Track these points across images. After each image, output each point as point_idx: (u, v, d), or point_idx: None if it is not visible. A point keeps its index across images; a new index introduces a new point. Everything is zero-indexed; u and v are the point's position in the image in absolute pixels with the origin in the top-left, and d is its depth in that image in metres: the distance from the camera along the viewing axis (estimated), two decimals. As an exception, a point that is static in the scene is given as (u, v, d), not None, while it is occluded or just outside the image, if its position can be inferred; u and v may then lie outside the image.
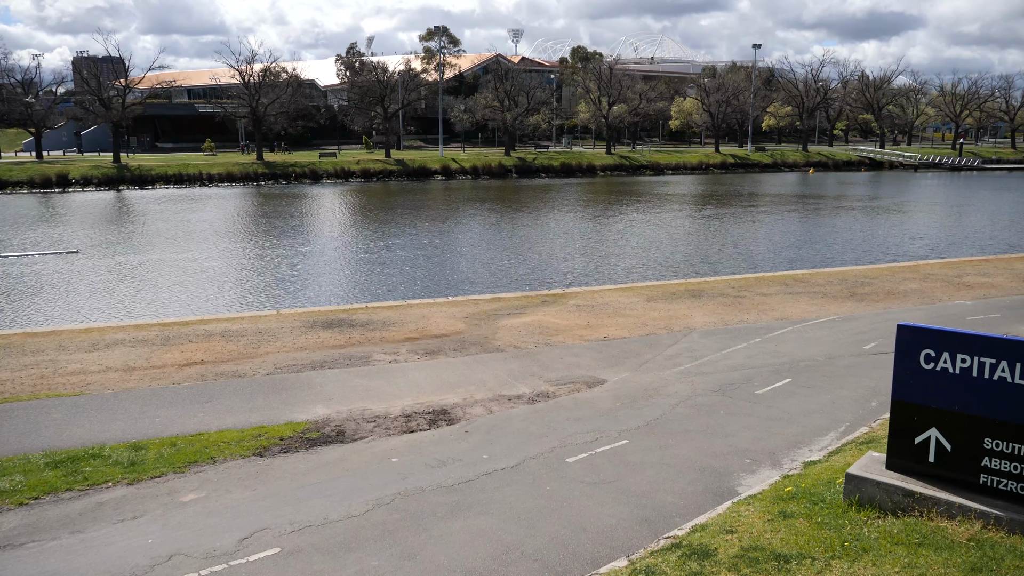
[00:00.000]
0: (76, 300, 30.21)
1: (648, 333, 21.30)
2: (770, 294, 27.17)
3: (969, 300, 26.47)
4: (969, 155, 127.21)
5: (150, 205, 67.85)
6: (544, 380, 16.76)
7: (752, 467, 11.53)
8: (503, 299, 26.39)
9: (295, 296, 30.47)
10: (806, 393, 15.52)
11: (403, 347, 19.81)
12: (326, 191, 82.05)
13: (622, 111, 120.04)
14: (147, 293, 31.36)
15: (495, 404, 15.04)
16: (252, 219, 57.33)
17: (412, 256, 39.92)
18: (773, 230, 51.51)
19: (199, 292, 31.38)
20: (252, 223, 54.56)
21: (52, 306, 29.12)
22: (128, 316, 27.18)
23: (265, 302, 29.45)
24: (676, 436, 12.90)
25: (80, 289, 32.21)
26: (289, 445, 12.73)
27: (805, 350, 19.36)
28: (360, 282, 33.55)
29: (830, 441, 12.52)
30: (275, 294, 31.09)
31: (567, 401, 15.14)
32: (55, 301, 29.97)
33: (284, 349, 19.72)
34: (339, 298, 29.76)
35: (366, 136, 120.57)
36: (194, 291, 31.55)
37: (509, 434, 13.12)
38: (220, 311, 27.13)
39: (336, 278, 34.38)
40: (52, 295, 31.01)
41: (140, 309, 28.43)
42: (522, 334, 21.22)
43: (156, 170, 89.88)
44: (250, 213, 61.69)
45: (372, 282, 33.42)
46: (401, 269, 36.23)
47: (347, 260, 39.20)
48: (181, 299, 29.99)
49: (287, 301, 29.51)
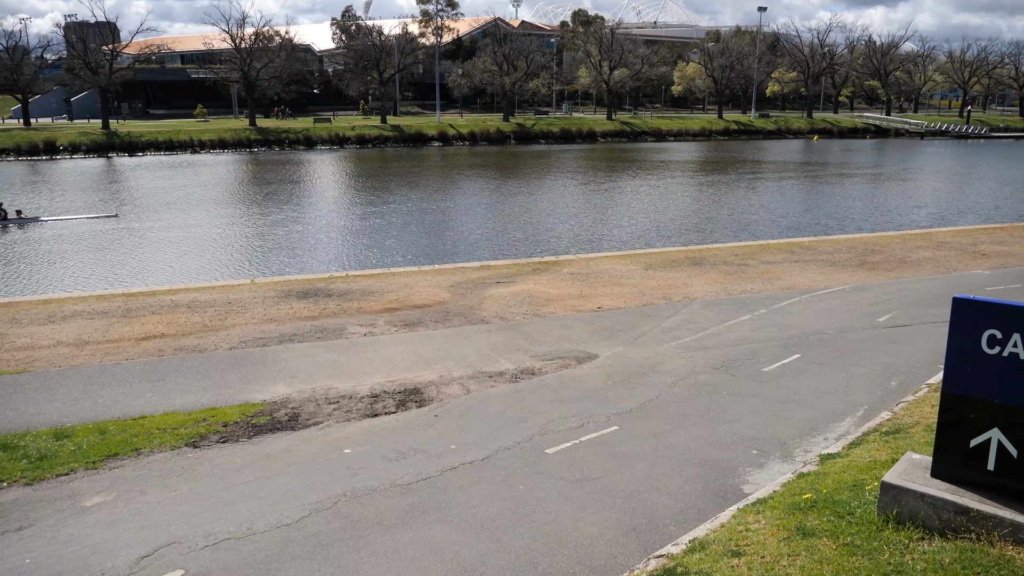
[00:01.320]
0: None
1: (645, 303, 19.80)
2: (775, 262, 25.63)
3: (986, 270, 24.93)
4: (976, 123, 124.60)
5: (139, 172, 66.03)
6: (530, 355, 15.29)
7: (759, 460, 10.09)
8: (492, 267, 24.86)
9: (276, 264, 28.95)
10: (817, 371, 14.04)
11: (381, 318, 18.33)
12: (320, 157, 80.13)
13: (623, 76, 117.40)
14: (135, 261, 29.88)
15: (474, 382, 13.58)
16: (241, 186, 55.61)
17: (402, 223, 38.34)
18: (777, 197, 49.80)
19: (176, 259, 29.85)
20: (240, 190, 52.85)
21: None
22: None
23: (244, 270, 27.94)
24: (673, 421, 11.44)
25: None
26: (231, 432, 11.29)
27: (814, 322, 17.87)
28: (346, 250, 31.99)
29: (848, 428, 11.05)
30: (256, 262, 29.56)
31: (553, 379, 13.66)
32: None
33: (252, 321, 18.24)
34: (322, 266, 28.22)
35: (362, 102, 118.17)
36: (175, 258, 30.02)
37: (484, 418, 11.69)
38: (194, 280, 25.64)
39: (321, 245, 32.80)
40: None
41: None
42: (510, 304, 19.72)
43: (146, 136, 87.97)
44: (240, 180, 59.92)
45: (358, 250, 31.88)
46: (390, 236, 34.68)
47: (335, 227, 37.60)
48: (162, 266, 28.49)
49: (268, 269, 28.03)
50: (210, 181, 58.01)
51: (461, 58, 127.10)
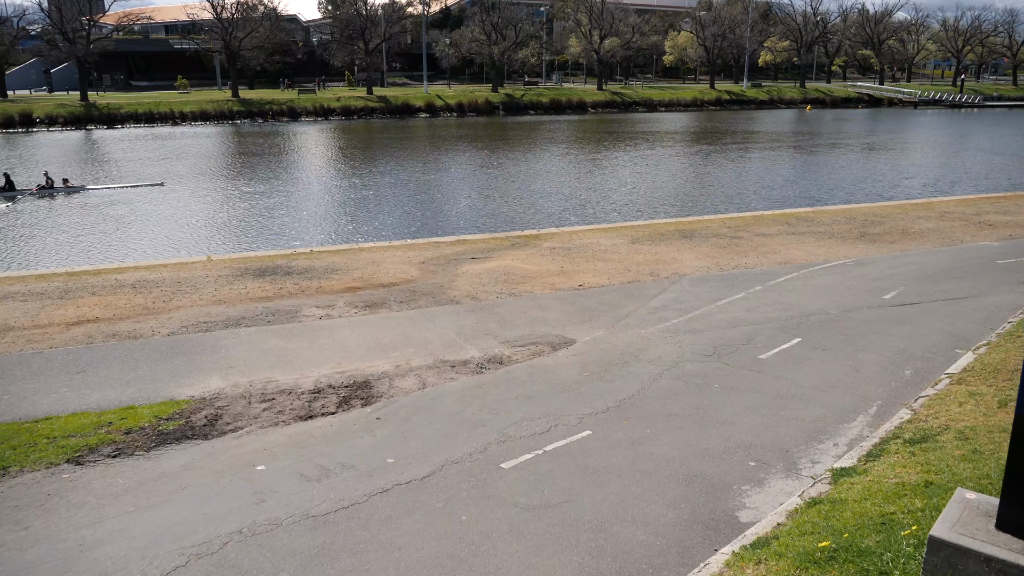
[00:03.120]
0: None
1: (630, 280, 18.27)
2: (770, 234, 24.11)
3: (995, 241, 23.48)
4: (970, 92, 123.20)
5: (114, 146, 63.90)
6: (500, 340, 13.76)
7: (758, 474, 8.56)
8: (468, 242, 23.27)
9: (240, 239, 27.23)
10: (821, 358, 12.54)
11: (341, 299, 16.76)
12: (303, 129, 78.02)
13: (614, 45, 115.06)
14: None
15: (432, 374, 12.04)
16: (217, 158, 53.61)
17: (381, 196, 36.59)
18: (770, 168, 48.15)
19: (141, 234, 28.12)
20: (216, 163, 50.86)
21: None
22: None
23: (205, 245, 26.20)
24: (656, 423, 9.89)
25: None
26: (130, 443, 9.64)
27: (815, 301, 16.38)
28: (317, 224, 30.23)
29: (861, 430, 9.54)
30: (218, 236, 27.81)
31: (522, 370, 12.12)
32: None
33: (200, 303, 16.65)
34: (290, 241, 26.54)
35: (348, 72, 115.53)
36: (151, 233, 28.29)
37: (435, 421, 10.12)
38: (148, 257, 23.97)
39: (291, 220, 31.01)
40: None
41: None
42: (484, 282, 18.17)
43: (126, 108, 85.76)
44: (217, 152, 57.86)
45: (330, 224, 30.15)
46: (366, 210, 32.98)
47: (309, 201, 35.79)
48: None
49: (229, 244, 26.31)
50: (187, 153, 55.98)
51: (449, 27, 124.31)
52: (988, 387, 10.01)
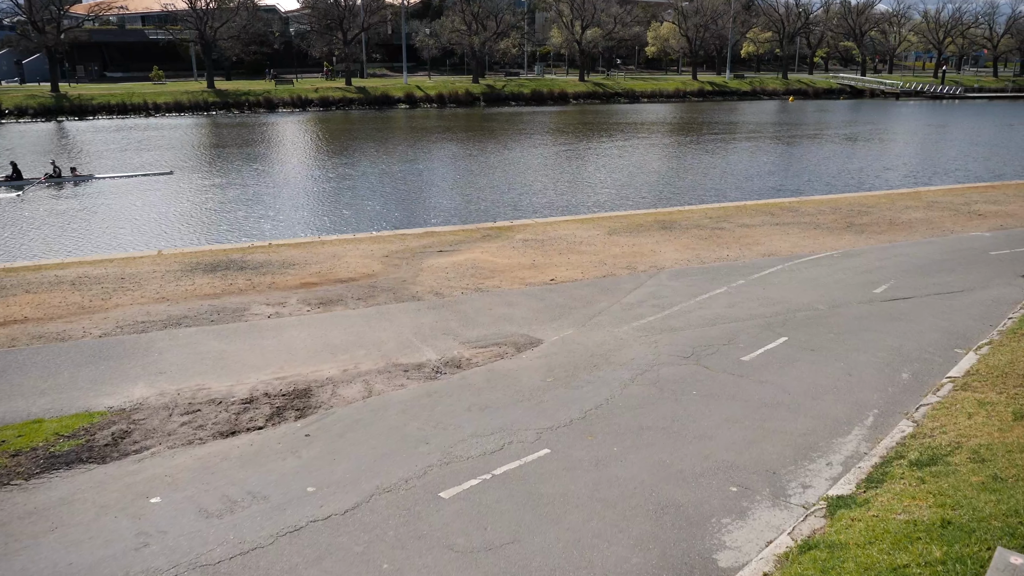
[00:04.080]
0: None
1: (605, 274, 17.17)
2: (753, 225, 23.09)
3: (986, 231, 22.58)
4: (951, 83, 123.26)
5: (79, 137, 62.12)
6: (460, 341, 12.62)
7: (741, 502, 7.42)
8: (437, 234, 22.10)
9: (199, 231, 25.90)
10: (810, 360, 11.46)
11: (294, 296, 15.56)
12: (280, 120, 76.41)
13: (596, 36, 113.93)
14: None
15: (382, 380, 10.89)
16: (186, 150, 52.02)
17: (352, 187, 35.27)
18: (753, 158, 47.18)
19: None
20: (186, 155, 49.30)
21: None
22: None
23: (158, 240, 24.79)
24: (624, 439, 8.76)
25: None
26: (11, 469, 8.33)
27: (801, 296, 15.34)
28: (282, 215, 28.87)
29: (857, 446, 8.46)
30: (176, 231, 26.43)
31: (480, 375, 10.98)
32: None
33: (141, 300, 15.40)
34: (251, 234, 25.22)
35: (327, 63, 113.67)
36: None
37: (373, 437, 8.93)
38: (98, 251, 22.64)
39: (256, 212, 29.59)
40: None
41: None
42: (449, 277, 17.02)
43: (98, 100, 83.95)
44: (190, 144, 56.23)
45: (296, 216, 28.82)
46: (335, 201, 31.69)
47: (278, 192, 34.39)
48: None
49: (187, 238, 24.97)
50: (151, 145, 54.31)
51: (429, 17, 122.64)
52: (999, 395, 8.99)
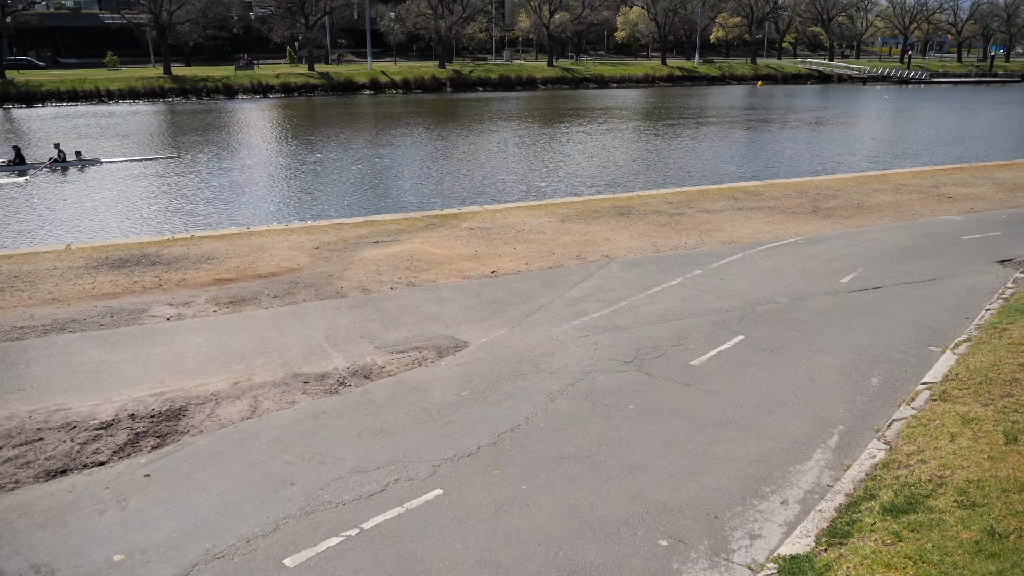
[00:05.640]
0: None
1: (552, 265, 15.76)
2: (715, 211, 21.79)
3: (957, 215, 21.47)
4: (917, 68, 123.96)
5: (23, 125, 59.53)
6: (377, 345, 11.14)
7: (671, 563, 5.96)
8: (378, 222, 20.55)
9: (129, 223, 24.08)
10: (767, 363, 10.11)
11: (203, 294, 13.98)
12: (239, 107, 73.96)
13: (564, 20, 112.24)
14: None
15: (274, 394, 9.39)
16: (136, 137, 49.80)
17: (302, 175, 33.51)
18: (719, 143, 45.98)
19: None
20: (135, 142, 47.13)
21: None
22: None
23: (67, 235, 22.95)
24: (538, 473, 7.25)
25: None
26: None
27: (762, 287, 14.03)
28: (217, 205, 26.99)
29: (818, 475, 7.08)
30: (92, 222, 24.57)
31: (385, 389, 9.48)
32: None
33: (29, 302, 13.74)
34: (179, 225, 23.43)
35: (289, 49, 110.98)
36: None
37: (227, 478, 7.35)
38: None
39: (186, 202, 27.65)
40: None
41: None
42: (381, 270, 15.52)
43: (47, 86, 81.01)
44: (141, 131, 53.93)
45: (233, 205, 26.96)
46: (280, 189, 29.93)
47: (220, 180, 32.51)
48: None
49: (103, 231, 23.09)
50: (90, 133, 51.99)
51: (394, 1, 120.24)
52: (983, 407, 7.71)
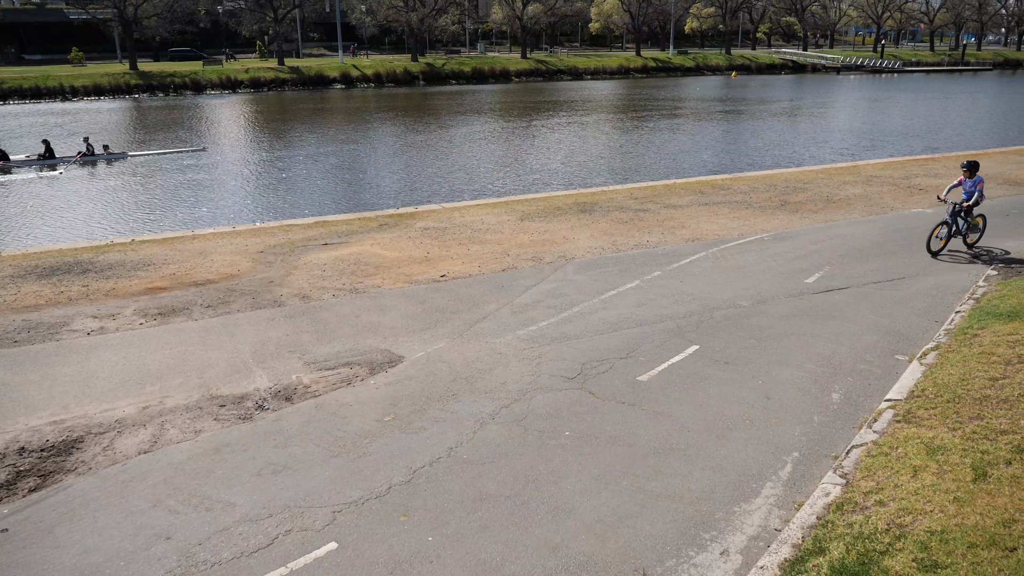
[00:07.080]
0: None
1: (505, 268, 15.00)
2: (680, 206, 21.12)
3: (927, 208, 20.94)
4: (890, 58, 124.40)
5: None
6: (306, 361, 10.34)
7: None
8: (329, 223, 19.69)
9: (67, 229, 23.05)
10: (721, 378, 9.38)
11: (132, 305, 13.10)
12: (207, 103, 72.56)
13: (538, 11, 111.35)
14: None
15: (182, 422, 8.57)
16: (105, 135, 48.45)
17: (260, 173, 32.50)
18: (693, 135, 45.39)
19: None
20: (105, 140, 45.77)
21: None
22: None
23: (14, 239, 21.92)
24: (449, 520, 6.43)
25: None
26: None
27: (723, 289, 13.35)
28: (163, 208, 25.86)
29: (766, 516, 6.34)
30: (21, 228, 23.54)
31: (302, 414, 8.63)
32: None
33: (-59, 315, 12.81)
34: (117, 230, 22.34)
35: (259, 43, 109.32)
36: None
37: (93, 533, 6.44)
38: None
39: (129, 206, 26.55)
40: None
41: None
42: (325, 275, 14.70)
43: (8, 83, 79.22)
44: (102, 128, 52.56)
45: (179, 208, 25.88)
46: (233, 190, 28.94)
47: (172, 181, 31.43)
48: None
49: (26, 238, 21.96)
50: (37, 133, 50.61)
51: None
52: (950, 432, 7.04)
